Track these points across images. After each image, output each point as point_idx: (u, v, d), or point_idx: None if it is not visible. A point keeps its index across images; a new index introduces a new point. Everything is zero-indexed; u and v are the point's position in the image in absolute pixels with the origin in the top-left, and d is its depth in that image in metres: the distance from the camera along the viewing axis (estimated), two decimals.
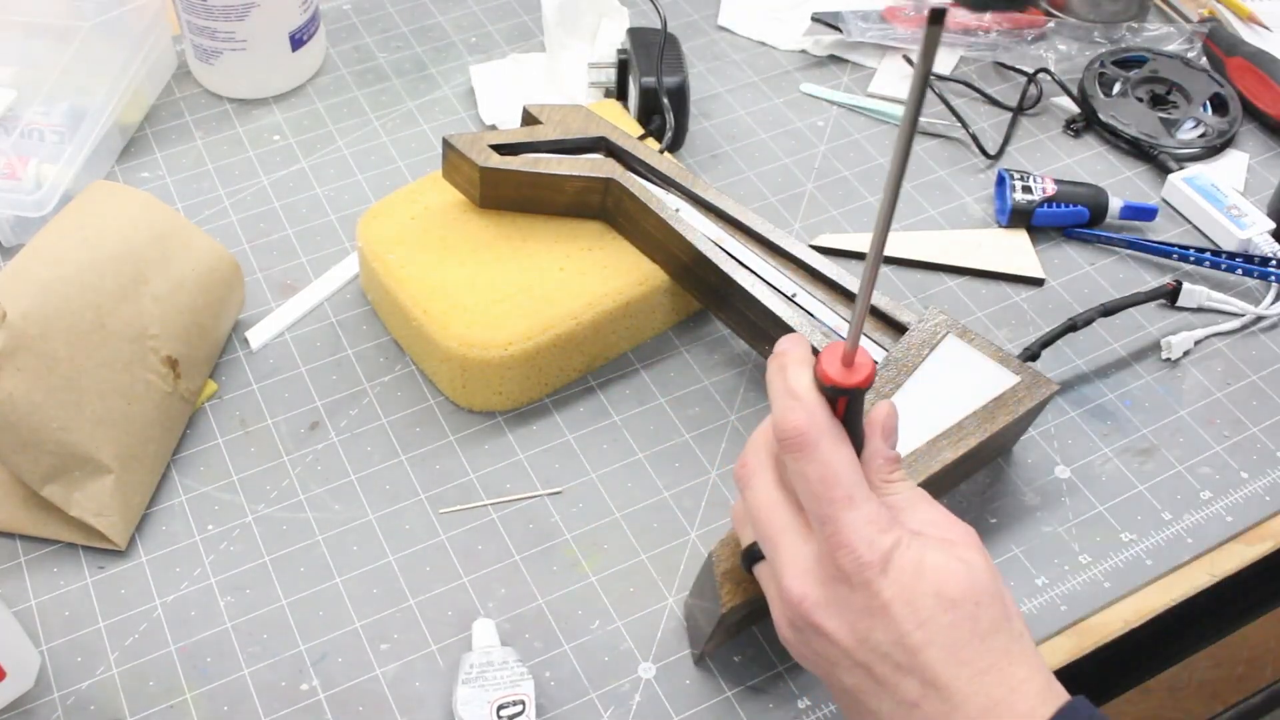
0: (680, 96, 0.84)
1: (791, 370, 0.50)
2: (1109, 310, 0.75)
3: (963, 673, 0.48)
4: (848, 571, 0.49)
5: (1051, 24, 0.97)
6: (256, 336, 0.76)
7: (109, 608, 0.65)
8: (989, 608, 0.49)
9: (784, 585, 0.51)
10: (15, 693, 0.60)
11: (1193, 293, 0.78)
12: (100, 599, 0.65)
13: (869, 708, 0.50)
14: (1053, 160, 0.89)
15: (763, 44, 0.98)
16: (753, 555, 0.55)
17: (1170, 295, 0.78)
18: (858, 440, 0.51)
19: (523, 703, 0.60)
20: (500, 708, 0.59)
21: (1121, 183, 0.87)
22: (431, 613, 0.65)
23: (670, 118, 0.83)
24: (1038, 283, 0.81)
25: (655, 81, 0.83)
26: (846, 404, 0.50)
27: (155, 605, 0.65)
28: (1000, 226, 0.84)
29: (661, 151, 0.79)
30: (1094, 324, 0.76)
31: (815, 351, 0.51)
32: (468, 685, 0.60)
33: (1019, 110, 0.91)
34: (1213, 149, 0.89)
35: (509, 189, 0.75)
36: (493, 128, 0.89)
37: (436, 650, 0.64)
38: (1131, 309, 0.78)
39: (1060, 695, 0.48)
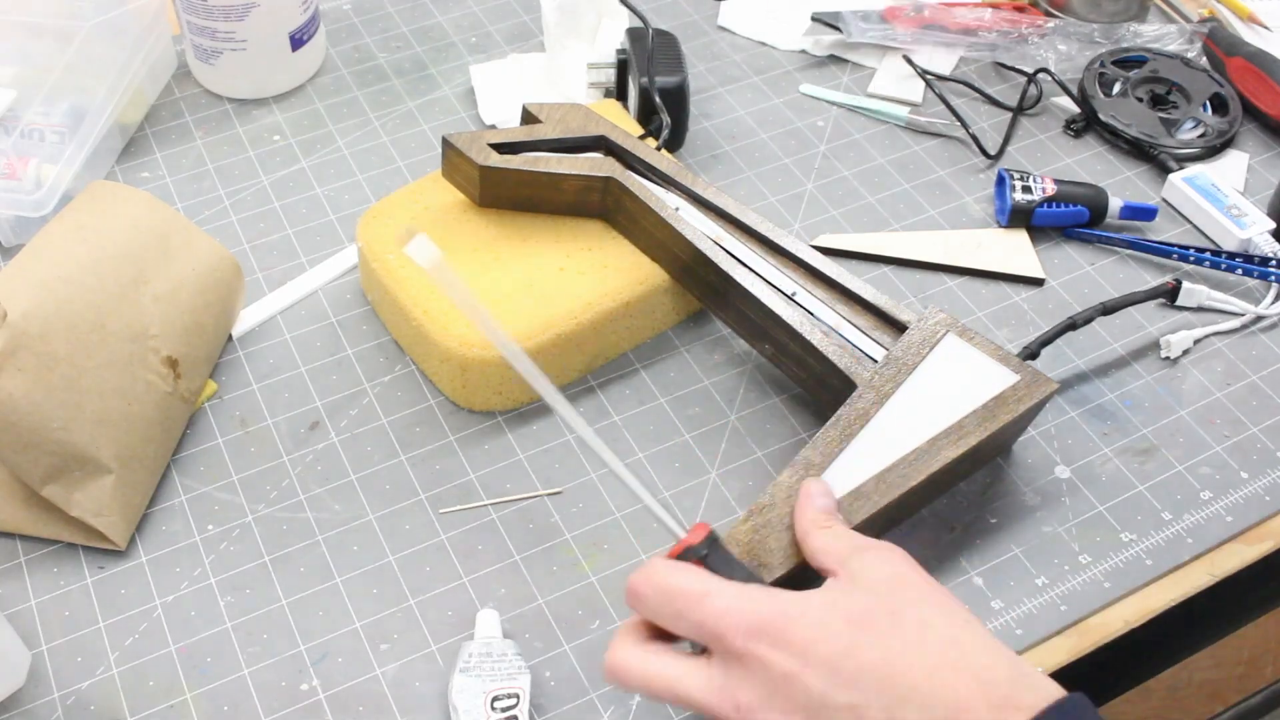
0: (680, 96, 0.84)
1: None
2: (1109, 309, 0.75)
3: (914, 676, 0.48)
4: (746, 643, 0.49)
5: (1051, 24, 0.97)
6: (239, 326, 0.76)
7: (109, 608, 0.65)
8: (916, 607, 0.50)
9: (709, 707, 0.51)
10: (6, 690, 0.60)
11: (1192, 292, 0.78)
12: (100, 599, 0.65)
13: None
14: (1053, 160, 0.89)
15: (763, 44, 0.98)
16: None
17: (1170, 294, 0.78)
18: (735, 570, 0.54)
19: (517, 696, 0.59)
20: (494, 699, 0.59)
21: (1121, 183, 0.87)
22: (431, 613, 0.65)
23: (665, 117, 0.83)
24: (1038, 283, 0.81)
25: (648, 81, 0.83)
26: (703, 560, 0.54)
27: (155, 605, 0.65)
28: (1000, 226, 0.84)
29: (659, 149, 0.79)
30: (1093, 323, 0.76)
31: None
32: (465, 674, 0.60)
33: (1019, 110, 0.91)
34: (1213, 149, 0.89)
35: (509, 188, 0.75)
36: (493, 127, 0.89)
37: (436, 650, 0.64)
38: (1131, 308, 0.78)
39: (1049, 687, 0.48)
